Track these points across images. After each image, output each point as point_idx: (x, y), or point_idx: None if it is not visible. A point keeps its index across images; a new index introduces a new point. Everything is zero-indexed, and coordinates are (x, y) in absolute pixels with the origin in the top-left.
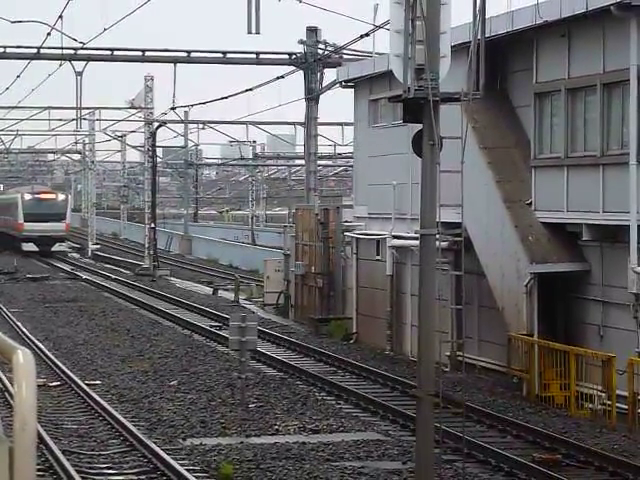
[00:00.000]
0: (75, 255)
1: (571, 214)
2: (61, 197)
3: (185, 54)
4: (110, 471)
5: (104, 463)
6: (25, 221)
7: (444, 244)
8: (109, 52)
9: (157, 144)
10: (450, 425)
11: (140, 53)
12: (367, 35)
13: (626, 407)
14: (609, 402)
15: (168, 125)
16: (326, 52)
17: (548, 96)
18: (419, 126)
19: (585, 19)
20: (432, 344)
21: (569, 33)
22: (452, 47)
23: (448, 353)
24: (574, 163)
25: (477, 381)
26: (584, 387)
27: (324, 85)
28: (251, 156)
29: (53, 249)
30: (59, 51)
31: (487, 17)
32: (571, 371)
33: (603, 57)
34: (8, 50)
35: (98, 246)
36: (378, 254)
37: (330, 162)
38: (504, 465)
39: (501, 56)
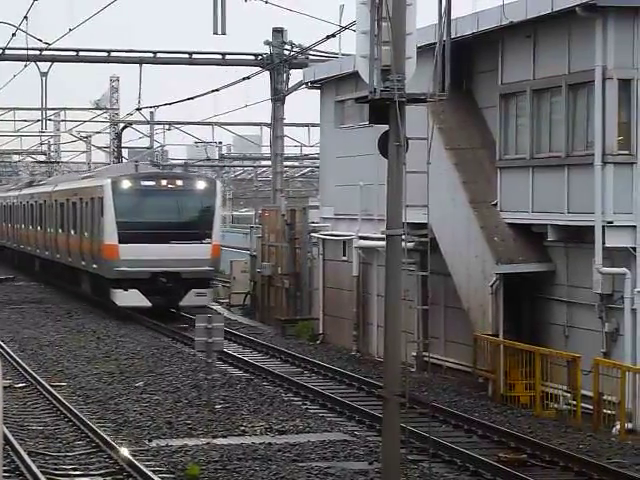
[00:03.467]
0: None
1: (536, 215)
2: (202, 187)
3: (151, 55)
4: (76, 472)
5: (70, 464)
6: (122, 241)
7: (410, 245)
8: (74, 53)
9: (123, 145)
10: (416, 425)
11: (105, 54)
12: (333, 36)
13: (591, 407)
14: (574, 402)
15: (134, 126)
16: (292, 53)
17: (513, 97)
18: (385, 127)
19: (550, 20)
20: (398, 345)
21: (534, 34)
22: (418, 48)
23: (414, 353)
24: (539, 164)
25: (443, 381)
26: (549, 387)
27: (290, 86)
28: (217, 157)
29: (185, 303)
30: (24, 52)
31: (453, 18)
32: (536, 371)
33: (568, 58)
34: None
35: None
36: (344, 255)
37: (297, 163)
38: (470, 465)
39: (467, 57)
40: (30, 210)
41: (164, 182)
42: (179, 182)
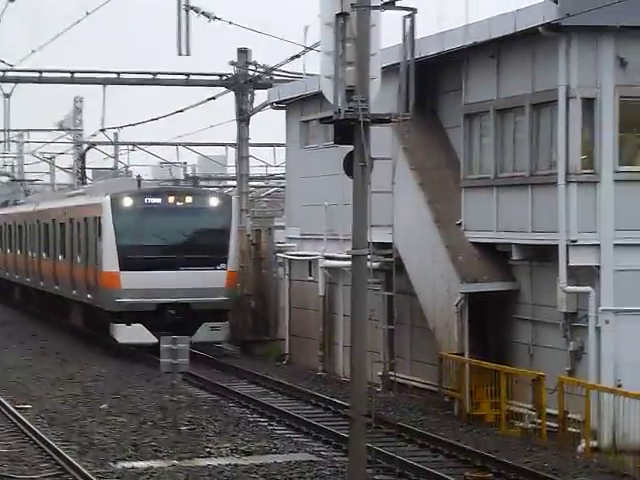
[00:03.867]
0: None
1: (501, 234)
2: (215, 204)
3: (115, 75)
4: None
5: None
6: (124, 268)
7: (376, 264)
8: (37, 74)
9: (87, 166)
10: (383, 445)
11: (69, 74)
12: (298, 56)
13: (556, 425)
14: (539, 420)
15: (98, 147)
16: (257, 73)
17: (477, 117)
18: (350, 147)
19: (514, 40)
20: (364, 364)
21: (498, 54)
22: (382, 68)
23: (380, 373)
24: (503, 183)
25: (409, 401)
26: (515, 406)
27: (255, 106)
28: (182, 177)
29: (198, 339)
30: None
31: (417, 38)
32: (502, 390)
33: (532, 78)
34: None
35: None
36: (310, 275)
37: (262, 183)
38: None
39: (431, 77)
40: (7, 232)
41: (172, 199)
42: (189, 199)
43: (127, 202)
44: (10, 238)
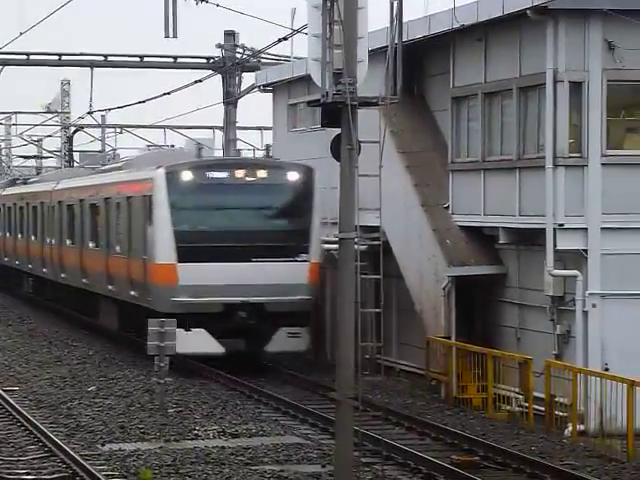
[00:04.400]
0: None
1: (488, 217)
2: (295, 179)
3: (102, 58)
4: (29, 476)
5: (23, 469)
6: (182, 260)
7: (363, 247)
8: (25, 56)
9: (74, 149)
10: (369, 428)
11: (56, 57)
12: (285, 39)
13: (543, 409)
14: (526, 404)
15: (85, 129)
16: (244, 56)
17: (465, 100)
18: (337, 130)
19: (501, 23)
20: (351, 348)
21: (486, 37)
22: (370, 51)
23: (367, 356)
24: (491, 167)
25: (396, 384)
26: (501, 389)
27: (242, 89)
28: None
29: (274, 348)
30: None
31: (404, 21)
32: (489, 373)
33: (519, 61)
34: None
35: None
36: None
37: None
38: (423, 467)
39: (419, 60)
40: (18, 215)
41: (241, 173)
42: (262, 172)
43: (187, 176)
44: (21, 222)
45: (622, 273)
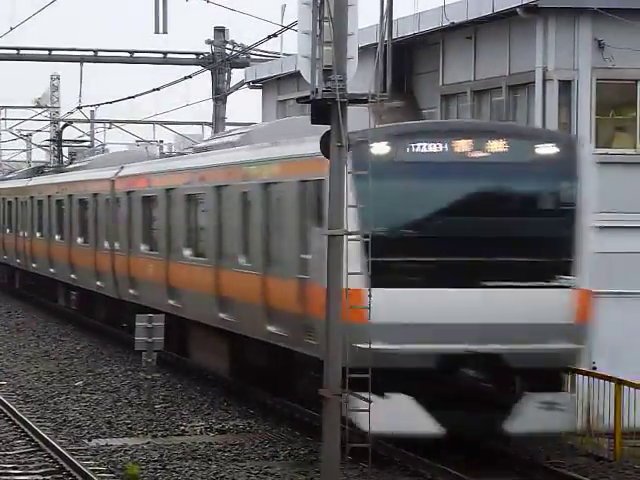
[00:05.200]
0: None
1: None
2: (553, 157)
3: (92, 53)
4: (16, 471)
5: (10, 463)
6: (375, 283)
7: None
8: (15, 51)
9: (63, 143)
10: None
11: (46, 52)
12: (275, 36)
13: None
14: None
15: (74, 124)
16: (234, 52)
17: (454, 98)
18: (327, 127)
19: (491, 21)
20: (339, 344)
21: (475, 35)
22: (359, 48)
23: None
24: None
25: None
26: None
27: (232, 85)
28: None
29: (522, 428)
30: None
31: (394, 19)
32: None
33: (509, 59)
34: None
35: None
36: None
37: None
38: (409, 465)
39: (408, 58)
40: (55, 211)
41: (465, 145)
42: (500, 145)
43: (383, 151)
44: (58, 220)
45: (611, 272)
